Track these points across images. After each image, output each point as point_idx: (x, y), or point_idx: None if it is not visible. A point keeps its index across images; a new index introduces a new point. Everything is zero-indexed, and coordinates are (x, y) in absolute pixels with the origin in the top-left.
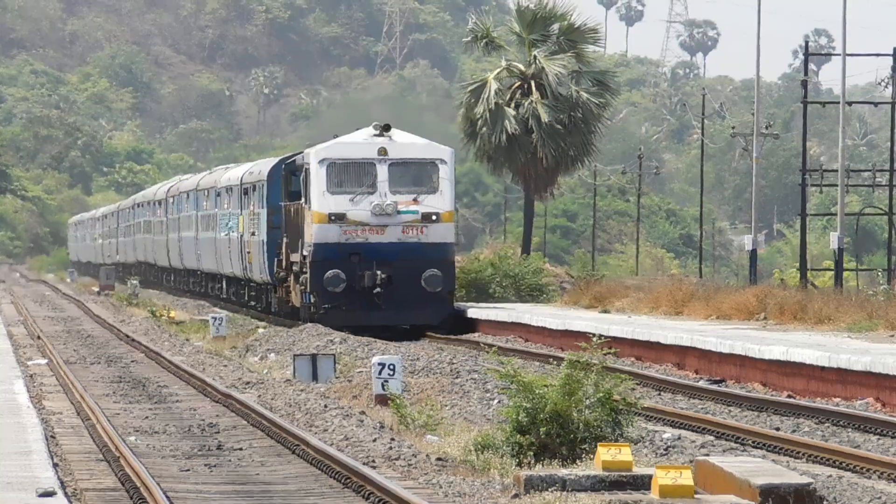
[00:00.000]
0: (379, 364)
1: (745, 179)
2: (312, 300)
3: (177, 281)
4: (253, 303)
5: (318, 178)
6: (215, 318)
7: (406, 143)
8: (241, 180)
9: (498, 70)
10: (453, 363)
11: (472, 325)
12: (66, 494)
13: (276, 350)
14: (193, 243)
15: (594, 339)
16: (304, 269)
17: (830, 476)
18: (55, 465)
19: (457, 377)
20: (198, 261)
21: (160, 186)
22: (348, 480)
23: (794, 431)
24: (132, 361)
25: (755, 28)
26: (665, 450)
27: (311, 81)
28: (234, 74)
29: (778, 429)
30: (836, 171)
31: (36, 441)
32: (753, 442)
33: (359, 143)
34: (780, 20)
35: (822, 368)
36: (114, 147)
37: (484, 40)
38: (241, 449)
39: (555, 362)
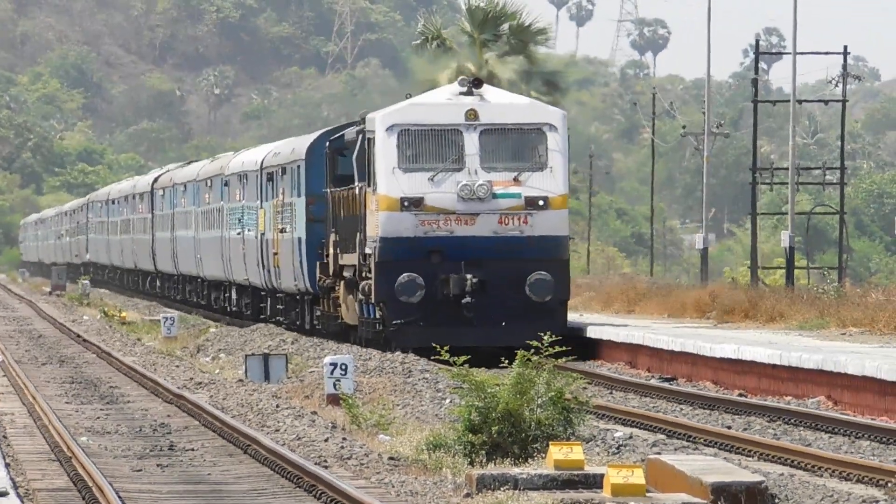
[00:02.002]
0: (331, 364)
1: (695, 178)
2: (377, 314)
3: (164, 287)
4: (280, 318)
5: (385, 151)
6: (166, 319)
7: (503, 104)
8: (262, 164)
9: (448, 71)
10: (405, 362)
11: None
12: (18, 495)
13: (227, 350)
14: (192, 244)
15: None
16: (365, 274)
17: (782, 474)
18: (7, 466)
19: (409, 376)
20: (197, 266)
21: (141, 178)
22: (300, 480)
23: (745, 430)
24: (84, 362)
25: (706, 27)
26: (617, 448)
27: (261, 81)
28: (184, 74)
29: (729, 427)
30: (787, 169)
31: None
32: (705, 440)
33: (440, 104)
34: (731, 19)
35: (774, 366)
36: (65, 148)
37: (435, 42)
38: (193, 449)
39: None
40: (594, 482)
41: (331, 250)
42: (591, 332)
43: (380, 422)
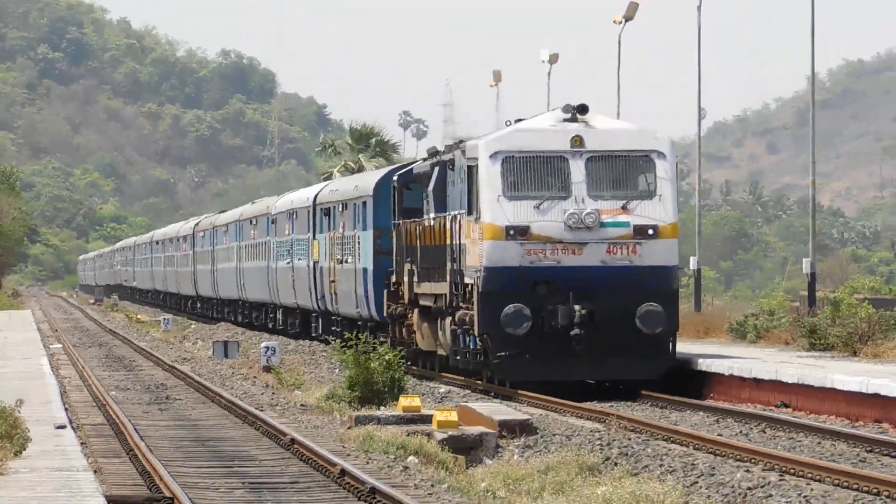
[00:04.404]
0: (265, 347)
1: None
2: (477, 344)
3: (203, 307)
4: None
5: (489, 178)
6: (165, 320)
7: (610, 130)
8: (315, 201)
9: (338, 167)
10: (311, 346)
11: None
12: (73, 427)
13: (202, 338)
14: (235, 273)
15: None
16: (459, 303)
17: (541, 414)
18: (66, 409)
19: (313, 355)
20: (240, 290)
21: (183, 224)
22: (246, 418)
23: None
24: (114, 345)
25: None
26: (440, 399)
27: (223, 173)
28: (176, 169)
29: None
30: None
31: (54, 394)
32: (494, 394)
33: (545, 129)
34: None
35: None
36: (102, 214)
37: (330, 148)
38: (181, 399)
39: None
40: (427, 420)
41: (405, 279)
42: (703, 366)
43: (295, 383)
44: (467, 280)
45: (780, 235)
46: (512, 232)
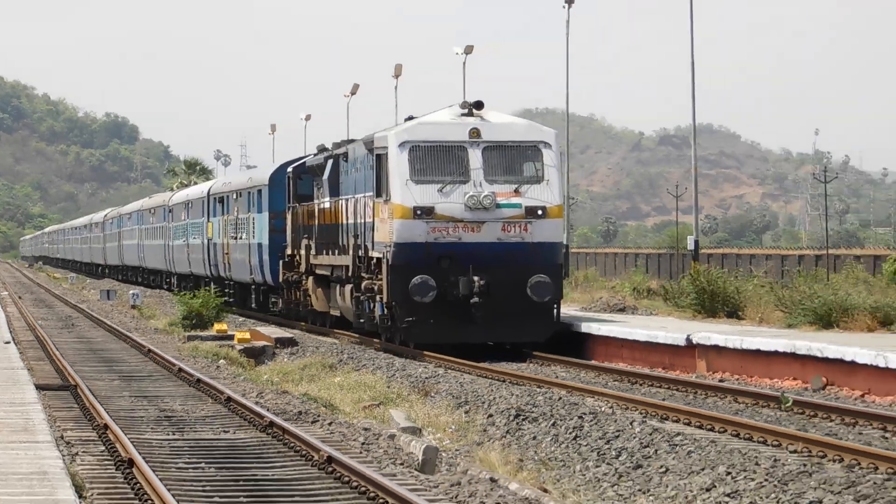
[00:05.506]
0: (132, 293)
1: None
2: (387, 311)
3: (111, 273)
4: (229, 300)
5: (398, 165)
6: (71, 277)
7: (503, 124)
8: (209, 193)
9: (176, 183)
10: (160, 293)
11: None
12: (15, 342)
13: (94, 288)
14: (136, 249)
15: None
16: (363, 273)
17: (301, 333)
18: (11, 332)
19: (161, 298)
20: (140, 261)
21: (96, 214)
22: (120, 336)
23: (270, 312)
24: (40, 293)
25: None
26: (240, 325)
27: (107, 188)
28: (77, 185)
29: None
30: None
31: (3, 322)
32: (274, 322)
33: (445, 122)
34: None
35: None
36: (33, 212)
37: (171, 172)
38: (80, 325)
39: None
40: (231, 338)
41: (302, 252)
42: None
43: (151, 315)
44: (375, 254)
45: None
46: (419, 212)
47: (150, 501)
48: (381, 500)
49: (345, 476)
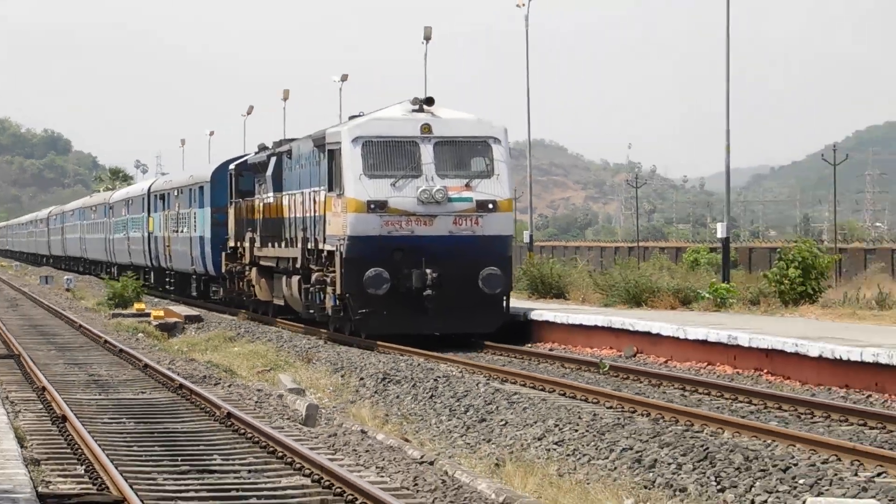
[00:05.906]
0: (66, 279)
1: None
2: (340, 303)
3: (55, 263)
4: (169, 288)
5: (351, 160)
6: (16, 265)
7: (453, 119)
8: (150, 190)
9: (103, 188)
10: (90, 278)
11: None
12: None
13: (35, 274)
14: (78, 242)
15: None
16: (312, 265)
17: (204, 312)
18: None
19: (93, 282)
20: (82, 252)
21: (40, 212)
22: (56, 314)
23: (210, 300)
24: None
25: None
26: (155, 304)
27: (46, 192)
28: (21, 189)
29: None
30: None
31: None
32: (215, 310)
33: (398, 118)
34: None
35: None
36: None
37: (98, 179)
38: (23, 305)
39: None
40: (148, 315)
41: (246, 244)
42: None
43: (83, 297)
44: (327, 247)
45: None
46: (373, 206)
47: (80, 450)
48: (271, 449)
49: (241, 429)
